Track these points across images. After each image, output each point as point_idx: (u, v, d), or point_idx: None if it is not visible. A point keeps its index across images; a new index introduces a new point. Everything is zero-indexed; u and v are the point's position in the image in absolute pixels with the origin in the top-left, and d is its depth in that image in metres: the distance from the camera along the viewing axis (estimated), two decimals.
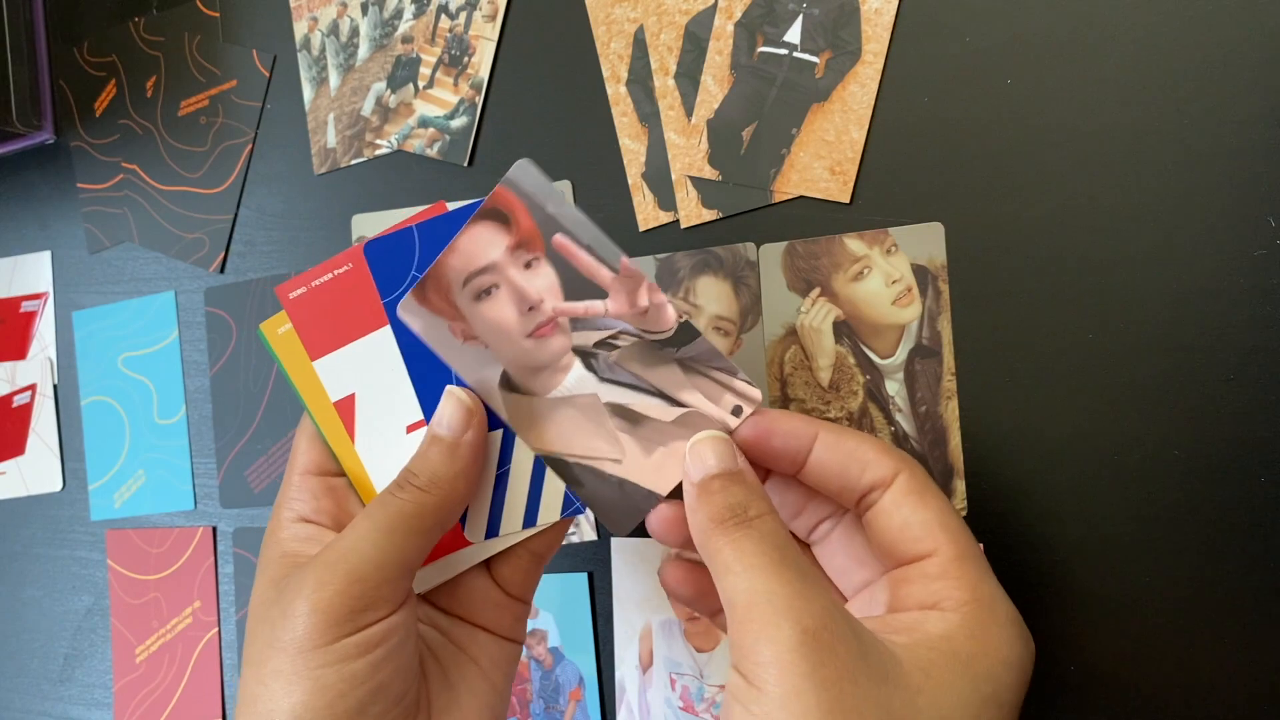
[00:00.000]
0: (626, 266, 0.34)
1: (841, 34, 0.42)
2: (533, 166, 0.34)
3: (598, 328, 0.35)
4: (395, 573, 0.32)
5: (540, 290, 0.35)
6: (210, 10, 0.59)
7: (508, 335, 0.35)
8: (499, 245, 0.35)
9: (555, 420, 0.35)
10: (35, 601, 0.64)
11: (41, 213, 0.66)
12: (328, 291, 0.37)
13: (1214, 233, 0.37)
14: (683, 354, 0.34)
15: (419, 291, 0.35)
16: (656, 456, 0.35)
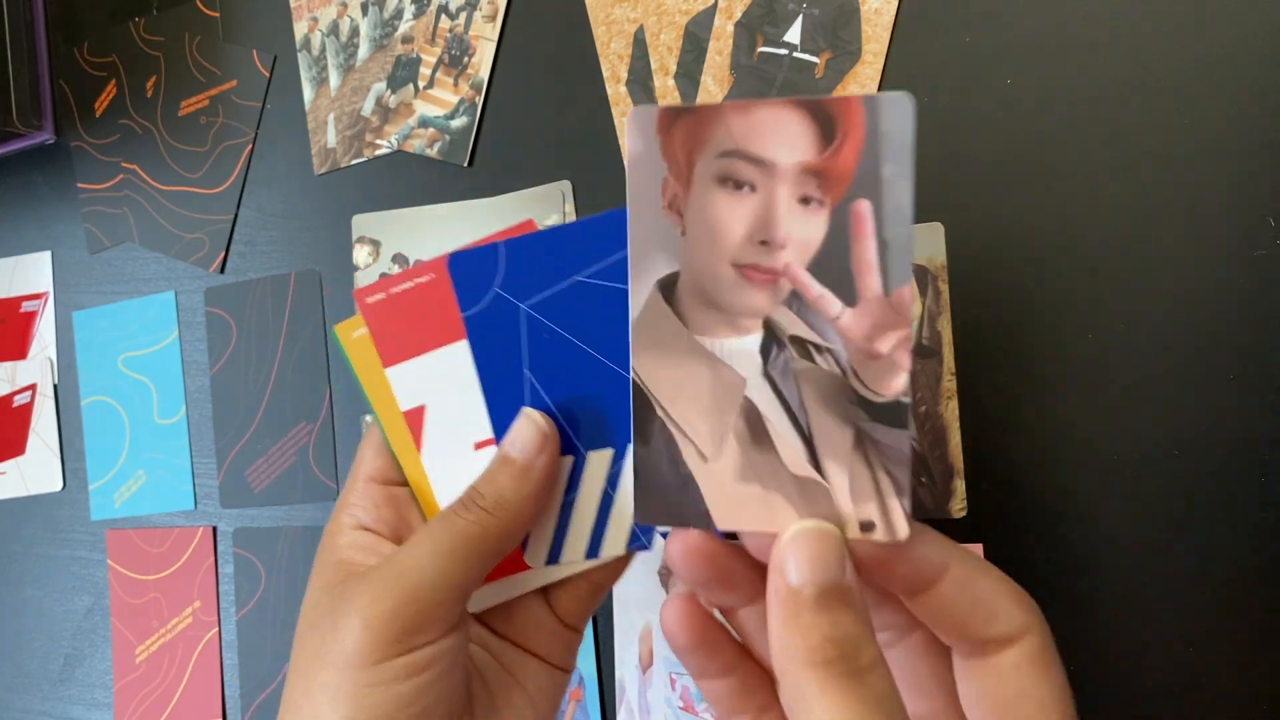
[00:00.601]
0: (901, 299, 0.26)
1: (841, 34, 0.42)
2: (912, 110, 0.25)
3: (811, 323, 0.27)
4: (451, 595, 0.31)
5: (793, 235, 0.26)
6: (210, 10, 0.59)
7: (717, 246, 0.27)
8: (796, 151, 0.26)
9: (681, 364, 0.28)
10: (35, 601, 0.64)
11: (41, 213, 0.66)
12: (407, 300, 0.37)
13: (1214, 233, 0.37)
14: (871, 429, 0.27)
15: (670, 115, 0.27)
16: (747, 491, 0.28)
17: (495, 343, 0.36)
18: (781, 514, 0.27)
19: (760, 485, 0.27)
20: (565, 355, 0.35)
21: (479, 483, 0.33)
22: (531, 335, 0.35)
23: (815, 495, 0.27)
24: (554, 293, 0.35)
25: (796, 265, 0.27)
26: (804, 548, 0.26)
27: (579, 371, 0.35)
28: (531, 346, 0.35)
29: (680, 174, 0.27)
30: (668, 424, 0.29)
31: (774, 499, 0.27)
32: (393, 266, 0.53)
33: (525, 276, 0.35)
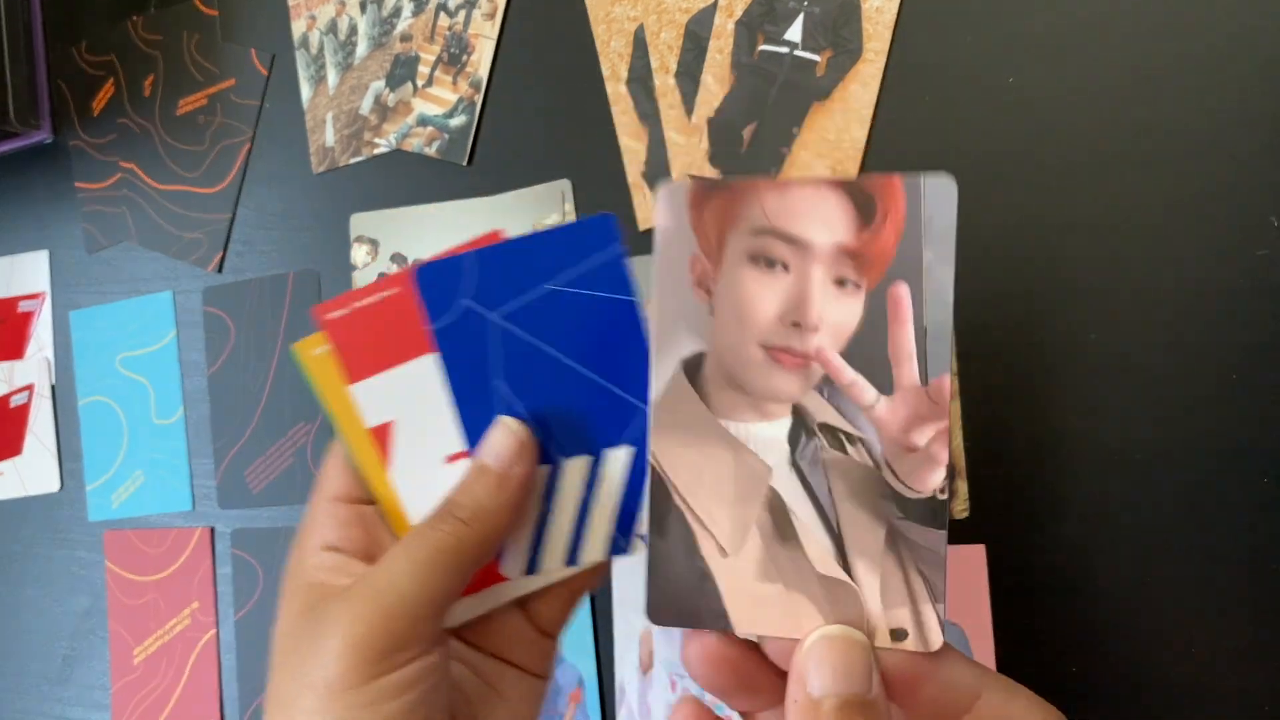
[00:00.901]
0: (939, 389, 0.24)
1: (843, 32, 0.42)
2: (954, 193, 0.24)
3: (843, 411, 0.25)
4: (431, 609, 0.30)
5: (827, 318, 0.25)
6: (209, 9, 0.59)
7: (747, 326, 0.26)
8: (833, 232, 0.25)
9: (703, 449, 0.27)
10: (33, 602, 0.64)
11: (39, 212, 0.66)
12: (371, 314, 0.36)
13: (1215, 233, 0.37)
14: (905, 527, 0.25)
15: (703, 189, 0.26)
16: (769, 590, 0.26)
17: (465, 354, 0.35)
18: (805, 617, 0.25)
19: (783, 585, 0.26)
20: (537, 364, 0.35)
21: (455, 494, 0.33)
22: (503, 345, 0.35)
23: (842, 597, 0.25)
24: (525, 302, 0.35)
25: (829, 349, 0.25)
26: (828, 656, 0.24)
27: (552, 380, 0.35)
28: (503, 356, 0.35)
29: (710, 250, 0.26)
30: (685, 514, 0.27)
31: (798, 600, 0.25)
32: (391, 266, 0.53)
33: (495, 286, 0.35)
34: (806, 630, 0.25)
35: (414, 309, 0.36)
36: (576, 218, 0.48)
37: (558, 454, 0.35)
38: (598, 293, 0.34)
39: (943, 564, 0.25)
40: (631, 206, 0.47)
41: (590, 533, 0.35)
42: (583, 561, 0.35)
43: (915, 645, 0.25)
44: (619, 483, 0.35)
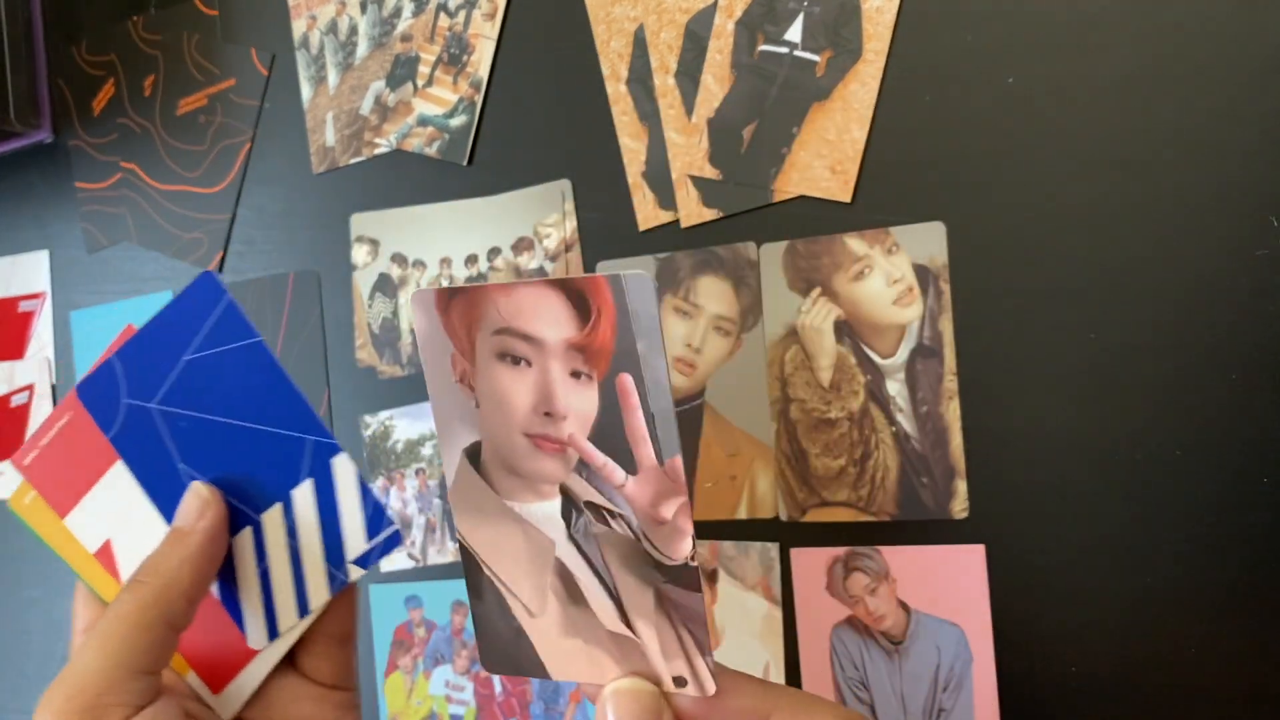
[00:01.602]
0: (674, 468, 0.27)
1: (842, 32, 0.42)
2: (653, 288, 0.26)
3: (600, 490, 0.28)
4: (122, 674, 0.31)
5: (571, 407, 0.27)
6: (209, 9, 0.59)
7: (508, 418, 0.28)
8: (560, 329, 0.27)
9: (496, 527, 0.29)
10: (35, 602, 0.64)
11: (39, 212, 0.66)
12: (58, 446, 0.38)
13: (1215, 233, 0.37)
14: (669, 589, 0.28)
15: (445, 295, 0.28)
16: (571, 644, 0.29)
17: (145, 450, 0.37)
18: (605, 667, 0.28)
19: (582, 640, 0.29)
20: (206, 434, 0.36)
21: (144, 560, 0.34)
22: (171, 429, 0.37)
23: (630, 651, 0.28)
24: (173, 381, 0.37)
25: (579, 435, 0.27)
26: (621, 705, 0.28)
27: (223, 444, 0.36)
28: (175, 439, 0.37)
29: (465, 350, 0.28)
30: (495, 581, 0.30)
31: (595, 653, 0.29)
32: (391, 266, 0.53)
33: (144, 377, 0.37)
34: (607, 678, 0.28)
35: (91, 426, 0.37)
36: (577, 218, 0.48)
37: (254, 512, 0.36)
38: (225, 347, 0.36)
39: (704, 621, 0.27)
40: (631, 206, 0.47)
41: (309, 577, 0.36)
42: (313, 606, 0.36)
43: (694, 691, 0.28)
44: (315, 519, 0.36)
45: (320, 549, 0.36)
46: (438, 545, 0.52)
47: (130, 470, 0.37)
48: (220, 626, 0.36)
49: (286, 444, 0.36)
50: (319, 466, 0.36)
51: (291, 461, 0.36)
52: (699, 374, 0.45)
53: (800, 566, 0.43)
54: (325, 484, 0.36)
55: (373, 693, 0.54)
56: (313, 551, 0.36)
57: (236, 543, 0.36)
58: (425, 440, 0.52)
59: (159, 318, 0.37)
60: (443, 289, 0.28)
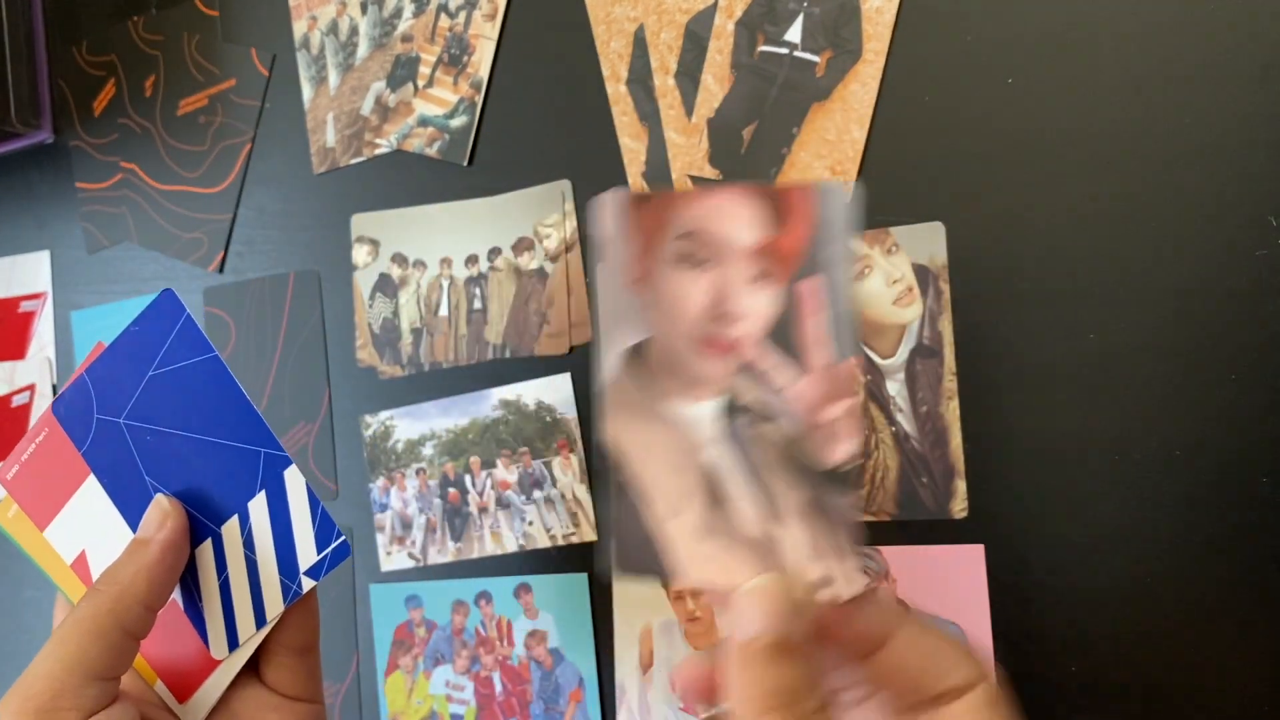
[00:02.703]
0: (847, 370, 0.27)
1: (842, 33, 0.42)
2: (848, 198, 0.27)
3: (765, 391, 0.28)
4: (76, 679, 0.32)
5: (747, 310, 0.28)
6: (209, 9, 0.59)
7: (679, 319, 0.29)
8: (747, 234, 0.28)
9: (647, 427, 0.29)
10: (35, 602, 0.64)
11: (40, 212, 0.66)
12: (36, 461, 0.39)
13: (1214, 233, 0.37)
14: (822, 492, 0.28)
15: (639, 200, 0.29)
16: (710, 546, 0.29)
17: (114, 464, 0.38)
18: (739, 570, 0.28)
19: (721, 542, 0.29)
20: (169, 448, 0.37)
21: (105, 569, 0.35)
22: (137, 443, 0.38)
23: (770, 553, 0.28)
24: (138, 396, 0.38)
25: (751, 337, 0.28)
26: (756, 603, 0.27)
27: (185, 458, 0.37)
28: (142, 453, 0.38)
29: (645, 253, 0.29)
30: (637, 482, 0.30)
31: (733, 555, 0.29)
32: (392, 266, 0.53)
33: (112, 393, 0.38)
34: (740, 581, 0.28)
35: (66, 442, 0.39)
36: (577, 219, 0.48)
37: (215, 524, 0.37)
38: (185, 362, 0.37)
39: (853, 522, 0.28)
40: None
41: (265, 588, 0.37)
42: (270, 616, 0.36)
43: (835, 592, 0.28)
44: (269, 530, 0.37)
45: (274, 560, 0.37)
46: (438, 545, 0.52)
47: (101, 484, 0.38)
48: (185, 637, 0.37)
49: (242, 457, 0.37)
50: (271, 479, 0.37)
51: (247, 474, 0.37)
52: None
53: None
54: (278, 496, 0.37)
55: (374, 692, 0.54)
56: (268, 563, 0.37)
57: (199, 554, 0.37)
58: (425, 440, 0.52)
59: (124, 335, 0.38)
60: (637, 193, 0.29)
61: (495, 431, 0.50)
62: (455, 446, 0.51)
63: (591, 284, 0.48)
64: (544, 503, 0.49)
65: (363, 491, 0.54)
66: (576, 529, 0.48)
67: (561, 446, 0.49)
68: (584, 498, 0.48)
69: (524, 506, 0.49)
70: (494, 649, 0.51)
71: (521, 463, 0.49)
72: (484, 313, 0.51)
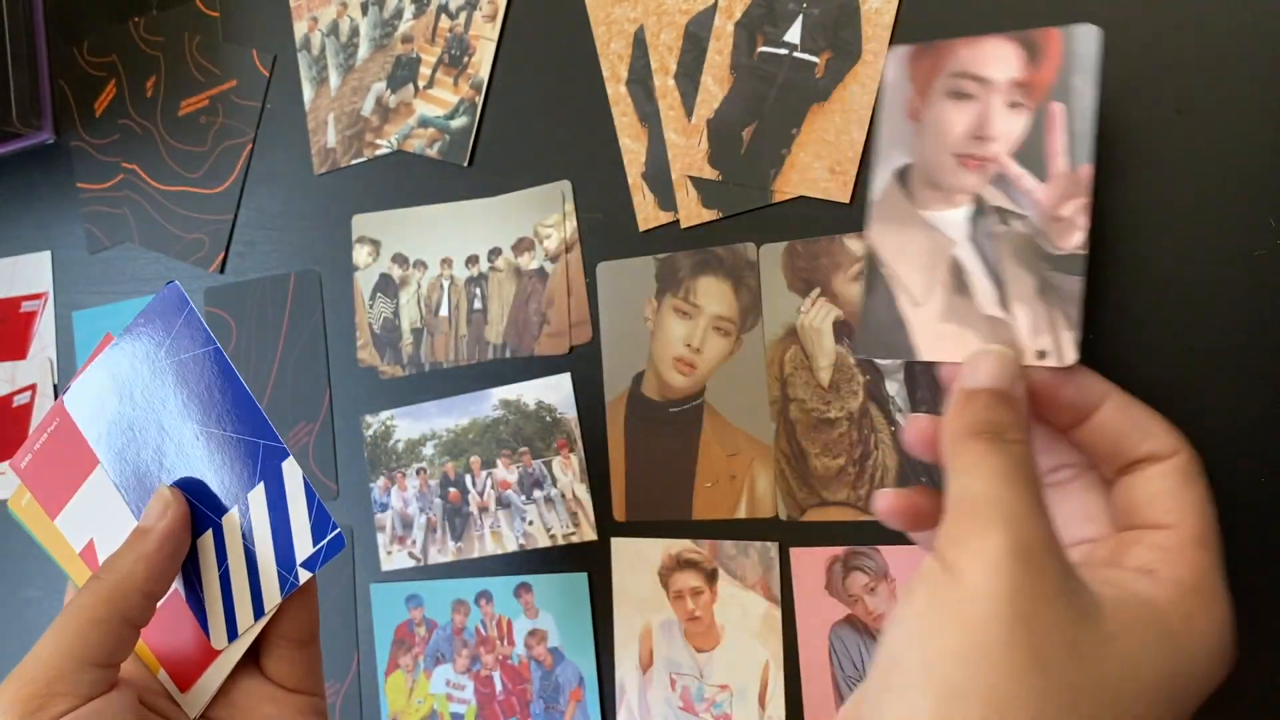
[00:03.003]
0: (1084, 174, 0.33)
1: (841, 34, 0.42)
2: (1098, 38, 0.33)
3: (1011, 197, 0.35)
4: (72, 666, 0.33)
5: (1002, 131, 0.35)
6: (210, 10, 0.59)
7: (943, 142, 0.36)
8: (1008, 70, 0.35)
9: (905, 232, 0.36)
10: (35, 602, 0.64)
11: (41, 213, 0.66)
12: (49, 450, 0.40)
13: (1213, 233, 0.37)
14: (1051, 276, 0.34)
15: (919, 50, 0.36)
16: (948, 328, 0.35)
17: (121, 454, 0.39)
18: (972, 345, 0.34)
19: (957, 324, 0.35)
20: (173, 439, 0.38)
21: (107, 558, 0.36)
22: (142, 434, 0.38)
23: (1001, 330, 0.34)
24: (144, 387, 0.38)
25: (1004, 154, 0.35)
26: (984, 361, 0.32)
27: (188, 448, 0.38)
28: (147, 444, 0.38)
29: (922, 90, 0.36)
30: (890, 279, 0.36)
31: (968, 334, 0.34)
32: (392, 266, 0.53)
33: (120, 384, 0.39)
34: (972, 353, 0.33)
35: (76, 432, 0.39)
36: (577, 219, 0.49)
37: (216, 515, 0.38)
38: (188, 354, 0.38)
39: (1078, 301, 0.33)
40: (632, 207, 0.47)
41: (264, 579, 0.37)
42: (268, 608, 0.37)
43: (1054, 362, 0.33)
44: (267, 521, 0.37)
45: (273, 552, 0.37)
46: (439, 545, 0.52)
47: (109, 473, 0.39)
48: (187, 626, 0.38)
49: (242, 448, 0.37)
50: (270, 471, 0.37)
51: (247, 465, 0.37)
52: (699, 374, 0.46)
53: (799, 566, 0.43)
54: (276, 488, 0.37)
55: (374, 691, 0.54)
56: (266, 554, 0.37)
57: (200, 545, 0.37)
58: (426, 440, 0.52)
59: (132, 326, 0.38)
60: (920, 45, 0.36)
61: (495, 431, 0.50)
62: (455, 446, 0.51)
63: (591, 284, 0.48)
64: (544, 502, 0.49)
65: (363, 491, 0.54)
66: (576, 528, 0.48)
67: (561, 446, 0.49)
68: (584, 497, 0.48)
69: (524, 506, 0.49)
70: (494, 648, 0.51)
71: (522, 462, 0.50)
72: (484, 313, 0.51)
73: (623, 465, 0.47)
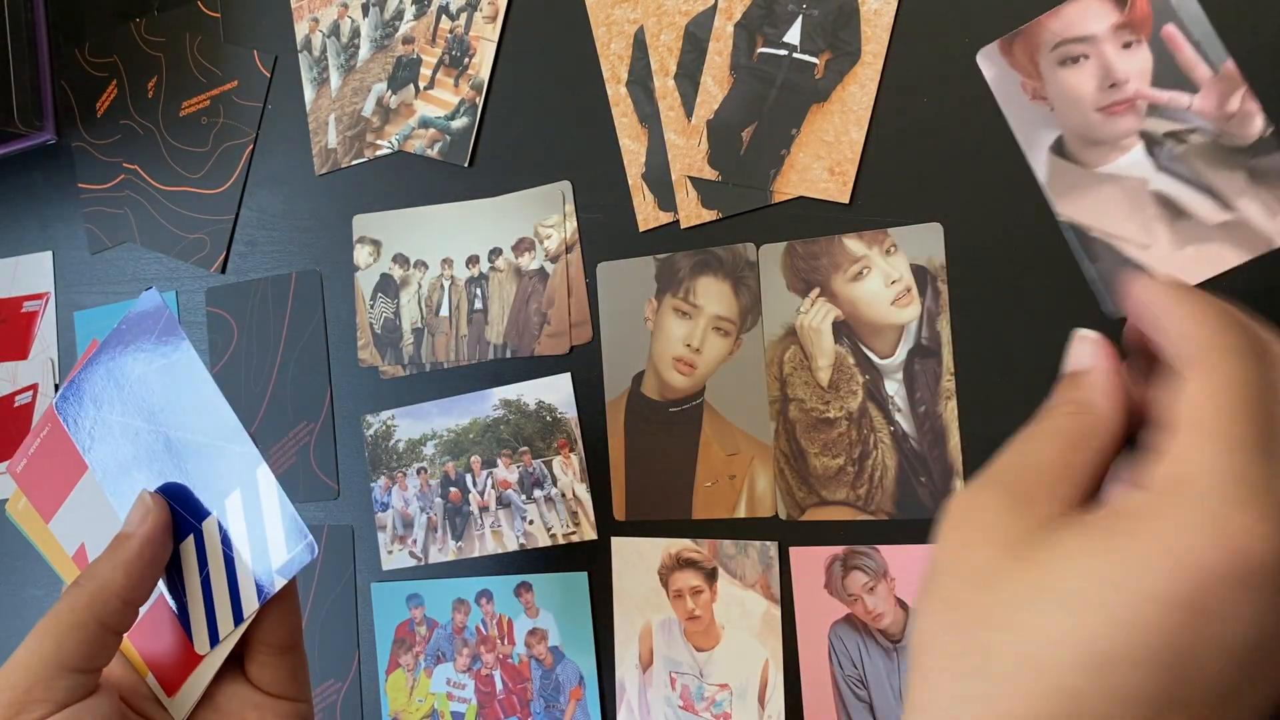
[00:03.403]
0: (1229, 70, 0.35)
1: (841, 35, 0.42)
2: None
3: (1174, 119, 0.36)
4: (50, 672, 0.33)
5: (1129, 71, 0.36)
6: (211, 11, 0.60)
7: (1079, 104, 0.37)
8: (1105, 20, 0.36)
9: (1093, 195, 0.37)
10: (37, 601, 0.65)
11: (43, 213, 0.66)
12: (41, 456, 0.40)
13: None
14: (1256, 163, 0.34)
15: (1005, 43, 0.38)
16: (1187, 252, 0.35)
17: (108, 459, 0.39)
18: (1223, 255, 0.35)
19: (1194, 245, 0.35)
20: (155, 444, 0.38)
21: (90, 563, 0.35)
22: (127, 439, 0.38)
23: (1237, 231, 0.34)
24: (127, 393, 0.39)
25: (1144, 88, 0.36)
26: None
27: (169, 454, 0.38)
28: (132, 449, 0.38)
29: (1031, 73, 0.38)
30: (1105, 238, 0.37)
31: (1210, 246, 0.35)
32: (393, 266, 0.53)
33: (104, 390, 0.39)
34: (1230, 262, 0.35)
35: (66, 437, 0.39)
36: (577, 219, 0.49)
37: (196, 520, 0.38)
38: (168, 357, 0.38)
39: None
40: (632, 207, 0.47)
41: (242, 585, 0.37)
42: (246, 613, 0.37)
43: None
44: (244, 528, 0.37)
45: (250, 559, 0.37)
46: (439, 544, 0.52)
47: (98, 478, 0.39)
48: (171, 631, 0.38)
49: (219, 455, 0.37)
50: (245, 478, 0.37)
51: (224, 471, 0.37)
52: (699, 374, 0.46)
53: (799, 565, 0.44)
54: (251, 494, 0.37)
55: (375, 690, 0.54)
56: (244, 560, 0.37)
57: (183, 550, 0.37)
58: (426, 440, 0.52)
59: (113, 333, 0.38)
60: (1002, 39, 0.38)
61: (496, 431, 0.50)
62: (456, 446, 0.51)
63: (592, 284, 0.48)
64: (544, 502, 0.49)
65: (364, 491, 0.54)
66: (576, 528, 0.49)
67: (562, 446, 0.49)
68: (584, 496, 0.48)
69: (524, 505, 0.50)
70: (495, 647, 0.51)
71: (522, 462, 0.50)
72: (485, 313, 0.51)
73: (623, 465, 0.47)
